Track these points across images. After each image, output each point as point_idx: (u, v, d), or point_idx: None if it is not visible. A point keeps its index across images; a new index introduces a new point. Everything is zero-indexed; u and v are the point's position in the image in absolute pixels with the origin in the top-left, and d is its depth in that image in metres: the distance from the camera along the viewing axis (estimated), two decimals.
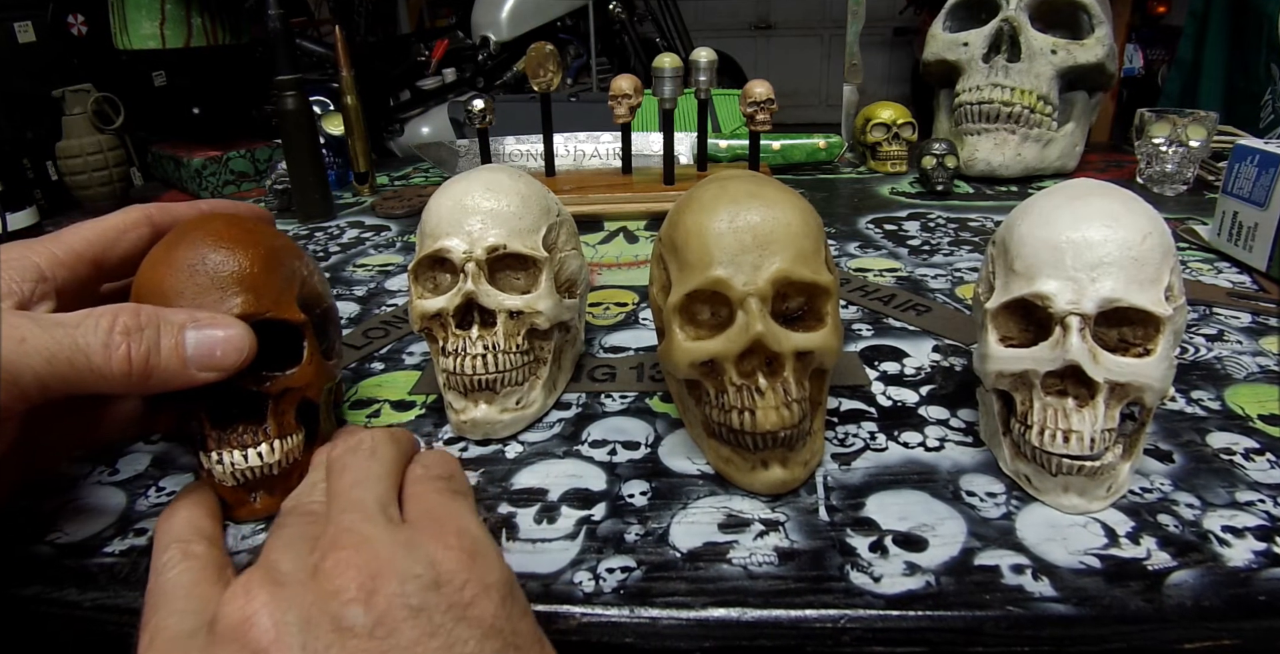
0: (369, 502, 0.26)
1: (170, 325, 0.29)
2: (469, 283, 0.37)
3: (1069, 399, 0.31)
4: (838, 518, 0.32)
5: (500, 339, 0.37)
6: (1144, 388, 0.31)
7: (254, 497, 0.33)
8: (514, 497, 0.34)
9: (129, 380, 0.28)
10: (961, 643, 0.27)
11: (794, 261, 0.32)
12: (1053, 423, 0.31)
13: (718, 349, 0.32)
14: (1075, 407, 0.31)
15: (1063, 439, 0.31)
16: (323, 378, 0.35)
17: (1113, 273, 0.30)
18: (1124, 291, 0.30)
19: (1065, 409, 0.31)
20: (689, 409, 0.37)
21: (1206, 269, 0.58)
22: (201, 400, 0.32)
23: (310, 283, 0.36)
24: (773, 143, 0.88)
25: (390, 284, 0.60)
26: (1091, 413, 0.31)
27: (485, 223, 0.38)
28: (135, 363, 0.28)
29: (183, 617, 0.25)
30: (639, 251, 0.65)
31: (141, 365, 0.28)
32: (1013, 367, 0.32)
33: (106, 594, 0.29)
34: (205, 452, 0.32)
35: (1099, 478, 0.32)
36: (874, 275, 0.58)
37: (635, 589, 0.29)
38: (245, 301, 0.32)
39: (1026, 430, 0.32)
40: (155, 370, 0.28)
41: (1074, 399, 0.31)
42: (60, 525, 0.33)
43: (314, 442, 0.35)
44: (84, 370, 0.27)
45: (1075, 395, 0.31)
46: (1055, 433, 0.31)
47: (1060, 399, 0.31)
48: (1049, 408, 0.31)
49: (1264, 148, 0.55)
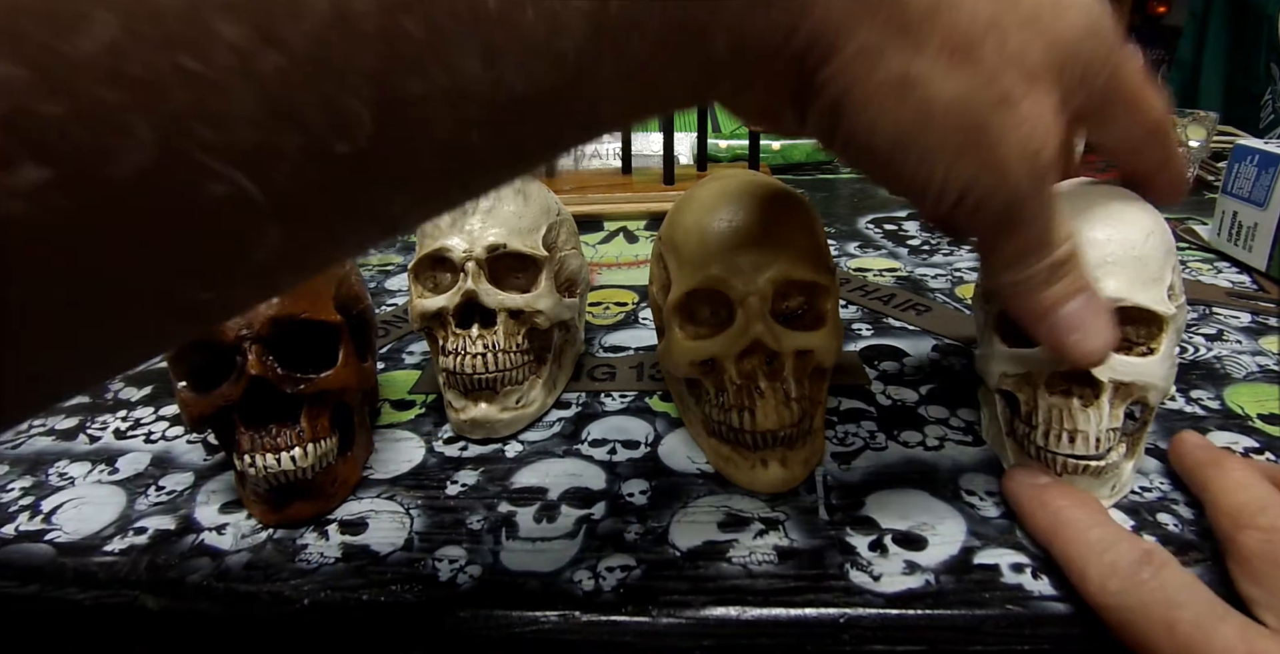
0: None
1: None
2: (469, 282, 0.37)
3: (1074, 399, 0.31)
4: (837, 517, 0.32)
5: (500, 338, 0.37)
6: (1148, 387, 0.31)
7: (287, 502, 0.32)
8: (514, 496, 0.34)
9: None
10: (961, 641, 0.27)
11: (793, 261, 0.32)
12: (1058, 423, 0.31)
13: (717, 348, 0.32)
14: (1080, 406, 0.31)
15: (1068, 439, 0.31)
16: (358, 381, 0.34)
17: (1116, 272, 0.30)
18: (1128, 291, 0.30)
19: (1070, 409, 0.31)
20: (689, 408, 0.37)
21: (1206, 269, 0.58)
22: (237, 400, 0.31)
23: (348, 283, 0.36)
24: (773, 143, 0.88)
25: (390, 283, 0.60)
26: (1096, 412, 0.30)
27: (485, 222, 0.38)
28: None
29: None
30: (639, 251, 0.65)
31: None
32: (1017, 367, 0.32)
33: (106, 594, 0.29)
34: (239, 454, 0.32)
35: (1103, 477, 0.31)
36: (874, 275, 0.58)
37: (635, 588, 0.29)
38: (281, 302, 0.31)
39: (1031, 431, 0.32)
40: None
41: (1079, 399, 0.31)
42: (60, 525, 0.33)
43: (349, 447, 0.35)
44: None
45: (1080, 395, 0.31)
46: (1060, 433, 0.31)
47: (1065, 399, 0.31)
48: (1054, 408, 0.31)
49: (1264, 148, 0.55)
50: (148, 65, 0.11)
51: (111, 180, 0.11)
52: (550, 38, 0.14)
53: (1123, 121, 0.28)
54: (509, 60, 0.14)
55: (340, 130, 0.13)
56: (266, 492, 0.32)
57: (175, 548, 0.31)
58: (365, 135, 0.13)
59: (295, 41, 0.12)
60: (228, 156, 0.12)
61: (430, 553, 0.31)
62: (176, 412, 0.40)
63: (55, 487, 0.36)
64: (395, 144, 0.14)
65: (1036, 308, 0.27)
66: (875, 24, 0.20)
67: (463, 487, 0.35)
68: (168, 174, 0.12)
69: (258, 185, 0.12)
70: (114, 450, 0.39)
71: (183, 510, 0.34)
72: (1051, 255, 0.26)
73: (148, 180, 0.11)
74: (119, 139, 0.11)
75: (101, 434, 0.40)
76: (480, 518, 0.33)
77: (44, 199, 0.11)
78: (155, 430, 0.40)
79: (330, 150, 0.13)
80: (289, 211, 0.13)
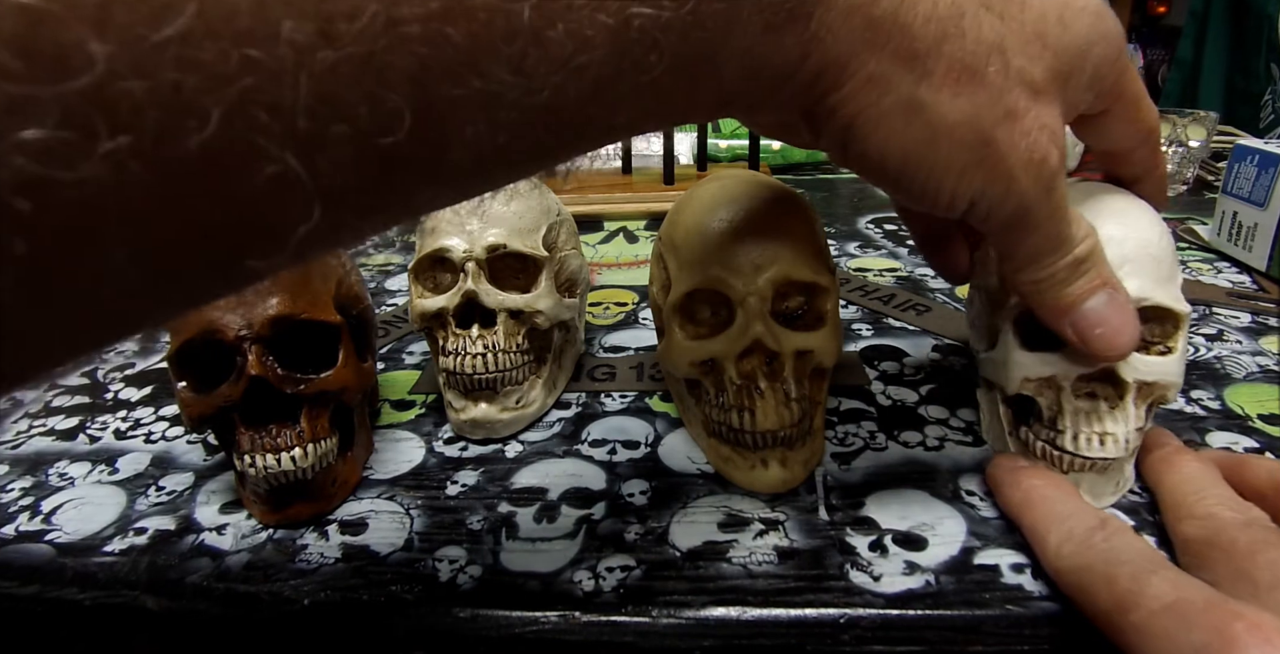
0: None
1: None
2: (469, 282, 0.37)
3: (1101, 401, 0.31)
4: (837, 517, 0.32)
5: (500, 338, 0.37)
6: (1169, 386, 0.31)
7: (287, 502, 0.32)
8: (514, 496, 0.34)
9: None
10: (961, 642, 0.27)
11: (793, 261, 0.32)
12: (1087, 426, 0.30)
13: (717, 348, 0.32)
14: (1107, 408, 0.30)
15: (1099, 442, 0.30)
16: (358, 381, 0.34)
17: (1136, 271, 0.30)
18: (1150, 290, 0.30)
19: (1099, 412, 0.30)
20: (689, 408, 0.37)
21: (1206, 269, 0.58)
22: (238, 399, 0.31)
23: (348, 283, 0.36)
24: (773, 143, 0.87)
25: (390, 284, 0.60)
26: (1123, 414, 0.30)
27: (485, 222, 0.38)
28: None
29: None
30: (639, 251, 0.65)
31: None
32: (1041, 371, 0.31)
33: (106, 594, 0.29)
34: (239, 454, 0.32)
35: (1108, 474, 0.32)
36: (874, 275, 0.58)
37: (635, 588, 0.29)
38: (281, 302, 0.31)
39: (1058, 435, 0.31)
40: None
41: (1105, 401, 0.31)
42: (60, 525, 0.33)
43: (349, 447, 0.35)
44: None
45: (1105, 397, 0.31)
46: (1091, 437, 0.30)
47: (1092, 402, 0.31)
48: (1080, 411, 0.31)
49: (1264, 148, 0.55)
50: (219, 54, 0.12)
51: (179, 154, 0.12)
52: (575, 53, 0.16)
53: (1122, 125, 0.29)
54: (537, 71, 0.16)
55: (382, 124, 0.14)
56: (266, 492, 0.32)
57: (175, 548, 0.31)
58: (404, 130, 0.14)
59: (348, 40, 0.13)
60: (281, 140, 0.13)
61: (430, 553, 0.31)
62: (176, 412, 0.40)
63: (55, 487, 0.36)
64: (429, 140, 0.15)
65: (1059, 305, 0.28)
66: (884, 54, 0.21)
67: (463, 487, 0.35)
68: (228, 152, 0.13)
69: (305, 168, 0.14)
70: (114, 450, 0.39)
71: (183, 511, 0.34)
72: (1072, 253, 0.27)
73: (210, 156, 0.12)
74: (188, 118, 0.12)
75: (101, 434, 0.40)
76: (480, 518, 0.33)
77: (122, 165, 0.12)
78: (155, 430, 0.40)
79: (372, 142, 0.14)
80: (330, 194, 0.14)
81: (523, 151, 0.17)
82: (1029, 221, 0.25)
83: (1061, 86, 0.24)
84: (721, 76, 0.19)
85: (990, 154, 0.23)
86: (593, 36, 0.16)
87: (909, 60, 0.21)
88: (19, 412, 0.43)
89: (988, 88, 0.22)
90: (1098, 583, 0.25)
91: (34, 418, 0.42)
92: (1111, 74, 0.26)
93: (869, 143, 0.23)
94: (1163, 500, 0.30)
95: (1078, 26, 0.24)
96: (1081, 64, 0.24)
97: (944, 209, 0.24)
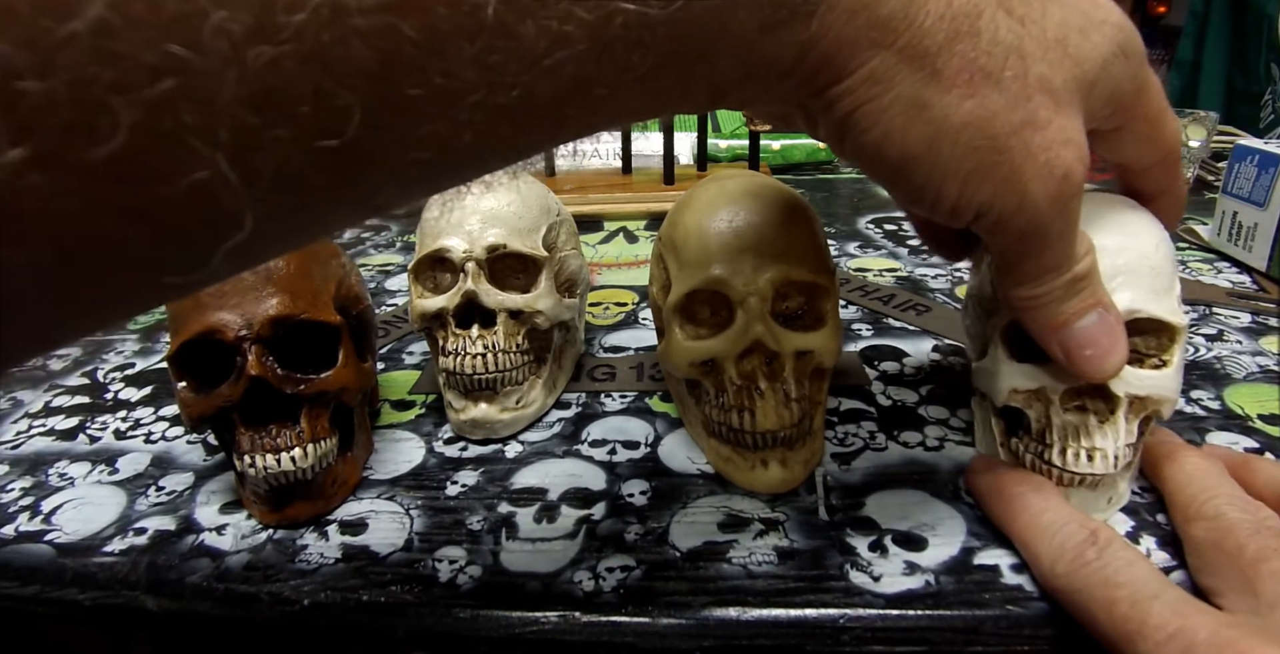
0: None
1: None
2: (469, 282, 0.37)
3: (1090, 415, 0.30)
4: (837, 517, 0.32)
5: (500, 339, 0.37)
6: (1162, 401, 0.30)
7: (287, 502, 0.32)
8: (514, 496, 0.34)
9: None
10: (961, 642, 0.27)
11: (793, 262, 0.32)
12: (1074, 441, 0.30)
13: (717, 349, 0.32)
14: (1097, 423, 0.30)
15: (1086, 458, 0.29)
16: (358, 381, 0.34)
17: (1131, 282, 0.29)
18: (1144, 302, 0.29)
19: (1088, 426, 0.30)
20: (689, 408, 0.37)
21: (1206, 269, 0.58)
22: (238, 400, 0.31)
23: (348, 283, 0.36)
24: (773, 143, 0.88)
25: (390, 284, 0.60)
26: (1113, 429, 0.29)
27: (485, 222, 0.38)
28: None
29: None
30: (639, 251, 0.65)
31: None
32: (1029, 383, 0.30)
33: (106, 594, 0.29)
34: (238, 454, 0.32)
35: (1100, 490, 0.31)
36: (874, 275, 0.58)
37: (635, 588, 0.29)
38: (281, 302, 0.31)
39: (1045, 449, 0.30)
40: None
41: (1094, 415, 0.30)
42: (60, 525, 0.33)
43: (349, 447, 0.35)
44: None
45: (1095, 411, 0.30)
46: (1079, 452, 0.30)
47: (1081, 415, 0.30)
48: (1069, 426, 0.30)
49: (1264, 148, 0.55)
50: (138, 47, 0.11)
51: (88, 160, 0.11)
52: (550, 50, 0.15)
53: (1142, 142, 0.28)
54: (506, 68, 0.14)
55: (328, 124, 0.13)
56: (266, 492, 0.32)
57: (175, 548, 0.31)
58: (354, 130, 0.13)
59: (289, 33, 0.12)
60: (211, 143, 0.12)
61: (430, 553, 0.31)
62: (176, 412, 0.40)
63: (55, 487, 0.36)
64: (385, 140, 0.14)
65: (1051, 322, 0.27)
66: (889, 52, 0.20)
67: (463, 487, 0.35)
68: (148, 157, 0.12)
69: (239, 173, 0.12)
70: (114, 451, 0.39)
71: (183, 511, 0.34)
72: (1071, 271, 0.26)
73: (125, 162, 0.11)
74: (99, 120, 0.11)
75: (101, 434, 0.40)
76: (480, 518, 0.33)
77: (19, 174, 0.11)
78: (155, 431, 0.40)
79: (316, 142, 0.13)
80: (269, 198, 0.13)
81: (493, 150, 0.17)
82: (1040, 240, 0.24)
83: (1084, 97, 0.23)
84: (714, 74, 0.19)
85: (1003, 163, 0.22)
86: (570, 33, 0.15)
87: (916, 58, 0.20)
88: (19, 411, 0.43)
89: (1004, 92, 0.21)
90: (1096, 607, 0.25)
91: (34, 418, 0.42)
92: (1131, 89, 0.25)
93: (866, 138, 0.22)
94: (1170, 498, 0.30)
95: (1098, 37, 0.23)
96: (1102, 78, 0.23)
97: (947, 215, 0.23)
